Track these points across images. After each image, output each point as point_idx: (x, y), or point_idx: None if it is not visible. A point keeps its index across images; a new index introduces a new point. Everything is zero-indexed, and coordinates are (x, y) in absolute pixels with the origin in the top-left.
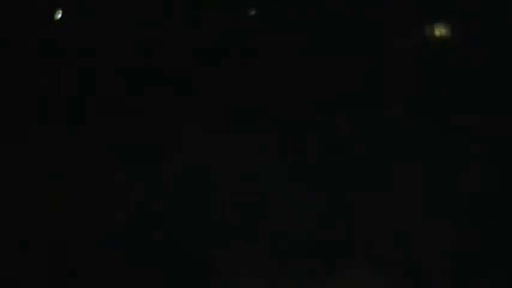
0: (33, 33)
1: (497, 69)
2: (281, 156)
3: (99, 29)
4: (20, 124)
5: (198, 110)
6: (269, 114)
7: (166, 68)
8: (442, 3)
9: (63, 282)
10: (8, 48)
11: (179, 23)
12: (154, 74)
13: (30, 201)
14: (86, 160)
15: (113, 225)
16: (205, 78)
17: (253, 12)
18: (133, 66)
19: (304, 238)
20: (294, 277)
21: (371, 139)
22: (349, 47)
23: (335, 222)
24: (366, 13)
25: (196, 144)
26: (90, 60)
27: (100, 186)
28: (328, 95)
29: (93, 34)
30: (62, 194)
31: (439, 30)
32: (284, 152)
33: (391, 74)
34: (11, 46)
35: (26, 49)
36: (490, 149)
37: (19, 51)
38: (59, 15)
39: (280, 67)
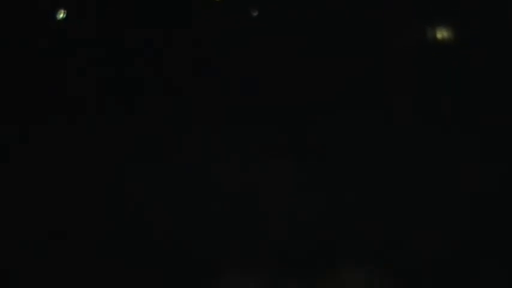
0: (34, 32)
1: (498, 69)
2: (281, 157)
3: (99, 28)
4: (21, 124)
5: (198, 110)
6: (269, 114)
7: (166, 68)
8: (442, 3)
9: (64, 283)
10: (8, 47)
11: (179, 23)
12: (155, 73)
13: (30, 200)
14: (86, 160)
15: (113, 225)
16: (206, 78)
17: (254, 13)
18: (133, 66)
19: (304, 238)
20: (293, 277)
21: (371, 139)
22: (349, 47)
23: (335, 222)
24: (366, 13)
25: (196, 144)
26: (90, 60)
27: (100, 186)
28: (328, 95)
29: (93, 33)
30: (62, 194)
31: (440, 30)
32: (284, 152)
33: (391, 75)
34: (12, 45)
35: (26, 48)
36: (490, 149)
37: (19, 50)
38: (62, 15)
39: (280, 67)
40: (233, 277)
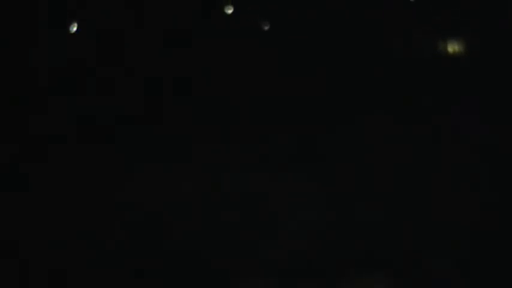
0: (46, 41)
1: (503, 76)
2: (290, 165)
3: (107, 36)
4: (29, 124)
5: (208, 117)
6: (279, 124)
7: (178, 73)
8: (450, 12)
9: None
10: (18, 53)
11: (188, 29)
12: (167, 78)
13: (33, 201)
14: (95, 169)
15: (122, 234)
16: (214, 84)
17: (265, 26)
18: (142, 70)
19: (313, 247)
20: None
21: (379, 150)
22: (357, 56)
23: (345, 231)
24: (378, 23)
25: (207, 151)
26: (97, 64)
27: (109, 193)
28: (338, 105)
29: (101, 40)
30: (73, 197)
31: (448, 39)
32: (294, 162)
33: (399, 84)
34: (21, 51)
35: (35, 53)
36: (495, 159)
37: (30, 56)
38: (74, 28)
39: (290, 77)
40: (243, 285)
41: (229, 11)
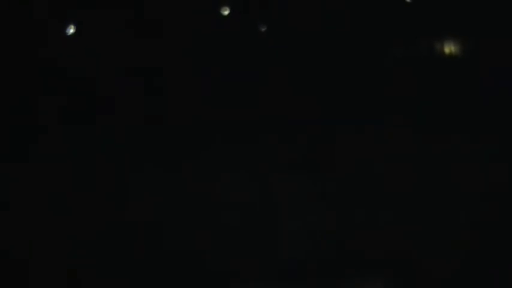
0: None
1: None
2: (291, 168)
3: (104, 37)
4: (35, 125)
5: (210, 118)
6: (282, 131)
7: (184, 80)
8: (449, 16)
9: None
10: (21, 53)
11: (188, 29)
12: (174, 85)
13: (37, 202)
14: (97, 169)
15: (123, 238)
16: (219, 88)
17: (262, 28)
18: (150, 78)
19: (312, 249)
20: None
21: (380, 156)
22: (359, 60)
23: (344, 235)
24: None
25: (210, 155)
26: (101, 65)
27: (112, 195)
28: (340, 113)
29: (99, 40)
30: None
31: (447, 44)
32: (293, 165)
33: (402, 91)
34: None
35: (37, 54)
36: (494, 164)
37: (32, 56)
38: (71, 30)
39: (294, 82)
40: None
41: (226, 12)
